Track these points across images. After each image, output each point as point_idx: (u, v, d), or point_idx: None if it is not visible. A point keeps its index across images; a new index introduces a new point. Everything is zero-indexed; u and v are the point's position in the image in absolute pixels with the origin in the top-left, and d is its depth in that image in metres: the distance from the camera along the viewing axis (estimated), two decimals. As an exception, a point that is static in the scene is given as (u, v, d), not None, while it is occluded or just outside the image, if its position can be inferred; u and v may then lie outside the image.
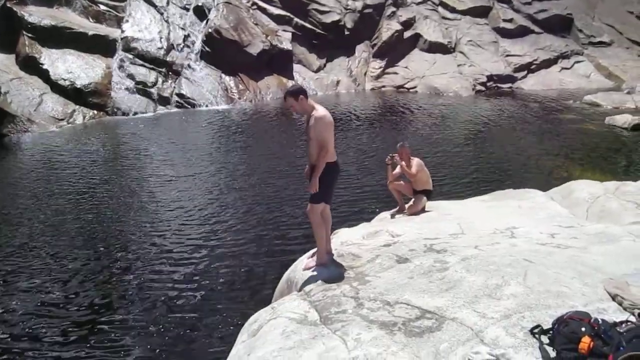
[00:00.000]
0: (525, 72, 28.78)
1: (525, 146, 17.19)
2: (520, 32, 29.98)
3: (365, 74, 27.97)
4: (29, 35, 21.61)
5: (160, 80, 22.95)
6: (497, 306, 4.08)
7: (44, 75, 21.08)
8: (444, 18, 30.01)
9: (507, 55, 29.10)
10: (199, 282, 8.76)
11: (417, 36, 28.91)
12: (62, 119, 20.32)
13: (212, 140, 18.63)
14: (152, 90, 22.54)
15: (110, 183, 13.90)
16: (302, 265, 5.75)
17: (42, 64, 21.25)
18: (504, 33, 29.92)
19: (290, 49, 26.14)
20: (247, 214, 11.67)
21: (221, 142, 18.30)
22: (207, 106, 22.92)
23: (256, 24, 25.71)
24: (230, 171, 14.74)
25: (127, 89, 22.14)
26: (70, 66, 21.60)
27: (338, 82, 27.05)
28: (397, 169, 8.61)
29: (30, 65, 21.20)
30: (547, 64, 29.13)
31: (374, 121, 20.94)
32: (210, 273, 9.06)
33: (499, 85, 27.75)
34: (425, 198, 8.64)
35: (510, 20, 30.08)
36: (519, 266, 4.84)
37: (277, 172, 14.41)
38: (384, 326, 4.08)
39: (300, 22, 27.03)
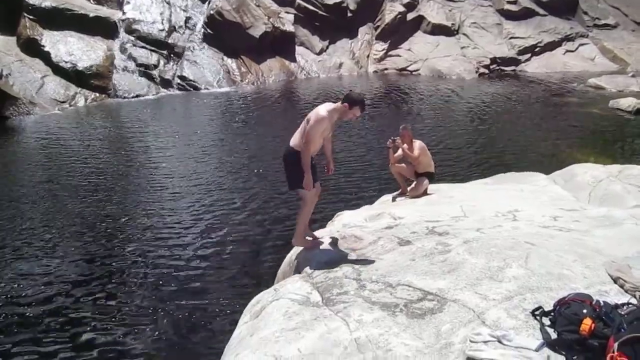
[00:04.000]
0: (529, 54, 28.60)
1: (528, 129, 17.14)
2: (524, 14, 29.75)
3: (368, 56, 27.81)
4: (30, 17, 21.51)
5: (162, 62, 22.87)
6: (499, 288, 4.09)
7: (46, 58, 21.03)
8: (448, 0, 29.76)
9: (511, 38, 28.91)
10: (201, 264, 8.80)
11: (421, 18, 28.70)
12: (64, 102, 20.28)
13: (214, 123, 18.60)
14: (154, 72, 22.48)
15: (111, 165, 13.90)
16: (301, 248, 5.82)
17: (43, 46, 21.18)
18: (508, 15, 29.68)
19: (293, 31, 25.98)
20: (250, 196, 11.68)
21: (223, 125, 18.27)
22: (208, 89, 22.85)
23: (258, 6, 25.52)
24: (232, 154, 14.73)
25: (128, 71, 22.09)
26: (72, 48, 21.53)
27: (340, 64, 26.91)
28: (399, 152, 8.58)
29: (32, 48, 21.13)
30: (551, 46, 28.94)
31: (376, 104, 20.85)
32: (212, 255, 9.10)
33: (502, 68, 27.60)
34: (427, 181, 8.62)
35: (515, 2, 29.82)
36: (521, 249, 4.84)
37: (279, 154, 14.37)
38: (386, 307, 4.09)
39: (303, 3, 26.83)
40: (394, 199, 8.77)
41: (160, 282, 8.25)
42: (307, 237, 5.90)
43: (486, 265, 4.52)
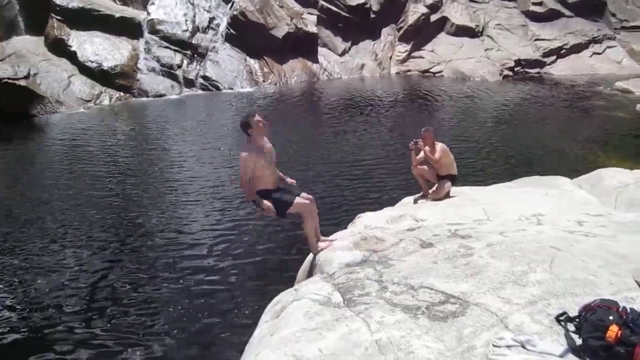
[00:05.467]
0: (555, 57, 28.26)
1: (552, 133, 16.92)
2: (550, 16, 29.39)
3: (390, 57, 27.73)
4: (58, 17, 21.85)
5: (185, 62, 23.07)
6: (523, 292, 4.04)
7: (72, 57, 21.34)
8: (472, 1, 29.58)
9: (536, 40, 28.58)
10: (222, 263, 8.85)
11: (444, 19, 28.53)
12: (89, 100, 20.57)
13: (236, 123, 18.68)
14: (178, 72, 22.69)
15: (134, 163, 14.06)
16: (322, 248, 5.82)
17: (70, 46, 21.50)
18: (534, 17, 29.35)
19: (316, 32, 26.01)
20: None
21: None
22: (231, 89, 22.99)
23: (281, 7, 25.60)
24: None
25: (152, 71, 22.32)
26: (98, 48, 21.82)
27: (363, 65, 26.87)
28: (421, 154, 8.53)
29: (59, 47, 21.45)
30: (578, 48, 28.56)
31: (398, 106, 20.78)
32: (233, 254, 9.14)
33: (527, 70, 27.31)
34: (449, 183, 8.55)
35: (540, 4, 29.48)
36: (545, 253, 4.77)
37: (301, 155, 14.42)
38: (408, 310, 4.06)
39: (326, 4, 26.84)
40: (415, 201, 8.72)
41: (181, 281, 8.32)
42: (320, 243, 5.91)
43: (510, 269, 4.47)
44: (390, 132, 16.98)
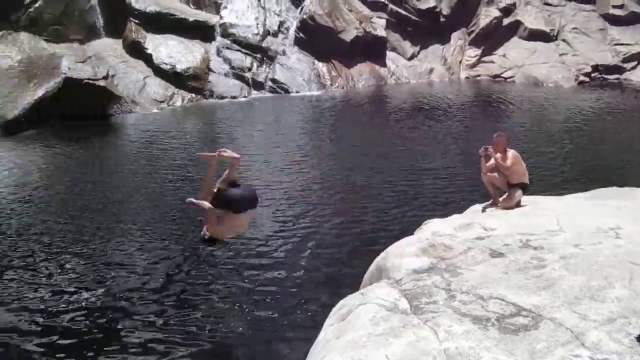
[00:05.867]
0: (636, 62, 26.96)
1: (631, 142, 16.13)
2: (631, 19, 28.08)
3: (460, 62, 27.28)
4: (135, 21, 22.72)
5: (255, 65, 23.51)
6: (600, 309, 3.88)
7: (148, 60, 22.11)
8: (547, 4, 28.63)
9: (616, 44, 27.35)
10: (288, 265, 8.95)
11: (517, 23, 27.78)
12: (162, 101, 21.29)
13: (303, 126, 18.88)
14: (247, 75, 23.16)
15: (204, 163, 14.40)
16: None
17: (146, 49, 22.29)
18: (613, 20, 28.12)
19: (385, 35, 25.92)
20: (337, 200, 11.75)
21: (312, 128, 18.52)
22: (299, 92, 23.25)
23: (350, 11, 25.66)
24: (321, 157, 14.88)
25: (223, 73, 22.88)
26: (172, 51, 22.53)
27: (431, 70, 26.56)
28: (492, 161, 8.31)
29: (136, 50, 22.29)
30: (661, 54, 27.13)
31: (467, 111, 20.39)
32: (298, 256, 9.22)
33: (604, 76, 26.19)
34: (520, 192, 8.28)
35: (622, 7, 28.20)
36: (624, 268, 4.56)
37: (368, 160, 14.37)
38: (477, 320, 3.98)
39: (395, 8, 26.67)
40: (484, 209, 8.51)
41: (246, 281, 8.47)
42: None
43: (586, 284, 4.30)
44: (459, 138, 16.68)
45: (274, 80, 23.42)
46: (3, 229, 10.46)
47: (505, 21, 27.70)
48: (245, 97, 22.53)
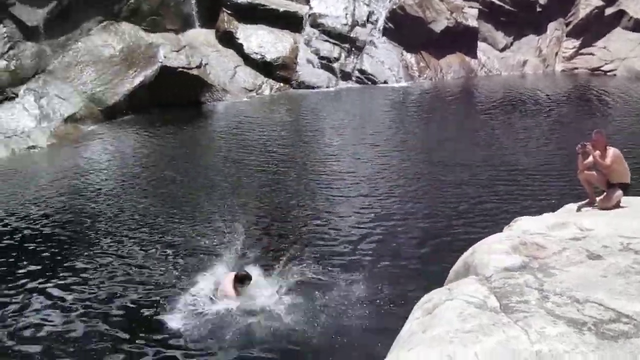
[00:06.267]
0: None
1: None
2: None
3: (556, 54, 26.05)
4: (228, 12, 23.34)
5: (343, 55, 23.55)
6: None
7: (239, 49, 22.71)
8: (656, -7, 26.69)
9: None
10: (371, 257, 8.97)
11: (621, 13, 26.08)
12: (251, 90, 21.81)
13: (390, 118, 18.73)
14: (335, 65, 23.24)
15: (289, 152, 14.68)
16: None
17: (237, 38, 22.88)
18: None
19: (476, 26, 25.18)
20: (422, 194, 11.61)
21: (399, 120, 18.33)
22: (386, 83, 23.07)
23: (441, 0, 25.09)
24: (408, 150, 14.72)
25: (311, 63, 23.08)
26: (262, 41, 22.98)
27: (525, 62, 25.55)
28: (590, 159, 7.89)
29: (227, 40, 22.95)
30: None
31: (563, 106, 19.47)
32: (382, 249, 9.21)
33: None
34: (620, 192, 7.81)
35: None
36: None
37: (456, 155, 14.05)
38: (572, 323, 3.80)
39: (489, -2, 25.81)
40: (579, 209, 8.10)
41: (329, 268, 8.54)
42: None
43: (696, 293, 4.00)
44: (553, 134, 15.97)
45: (361, 71, 23.37)
46: (100, 205, 11.15)
47: (608, 11, 26.07)
48: (332, 87, 22.64)
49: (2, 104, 16.51)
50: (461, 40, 24.81)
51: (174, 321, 7.31)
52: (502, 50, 25.84)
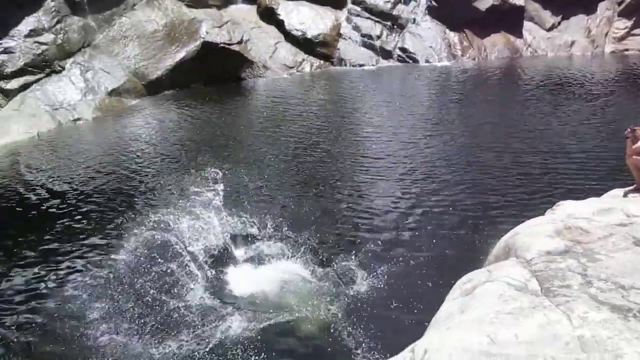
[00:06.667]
0: None
1: None
2: None
3: (606, 34, 25.17)
4: (270, -14, 23.27)
5: (384, 33, 23.25)
6: None
7: (280, 25, 22.62)
8: None
9: None
10: (409, 236, 8.95)
11: (678, -8, 24.99)
12: (292, 67, 21.76)
13: (430, 97, 18.48)
14: (376, 43, 22.97)
15: (328, 131, 14.63)
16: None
17: (278, 15, 22.79)
18: None
19: (523, 4, 24.49)
20: (462, 176, 11.44)
21: (441, 100, 18.06)
22: (428, 62, 22.71)
23: (488, -22, 24.43)
24: (448, 131, 14.50)
25: (352, 40, 22.86)
26: (303, 17, 22.84)
27: (572, 42, 24.79)
28: (639, 143, 7.65)
29: (269, 16, 22.87)
30: None
31: (612, 89, 18.84)
32: (420, 230, 9.16)
33: None
34: (670, 178, 7.57)
35: None
36: None
37: (498, 137, 13.78)
38: (617, 310, 3.74)
39: (537, -25, 25.03)
40: (626, 194, 7.86)
41: (368, 245, 8.56)
42: None
43: None
44: (600, 117, 15.50)
45: (403, 49, 23.05)
46: (144, 178, 11.41)
47: (664, -10, 25.02)
48: (373, 65, 22.42)
49: (50, 77, 16.89)
50: (506, 19, 24.18)
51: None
52: (549, 30, 25.10)
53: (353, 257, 8.29)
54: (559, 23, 25.27)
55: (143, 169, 12.23)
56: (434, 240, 8.77)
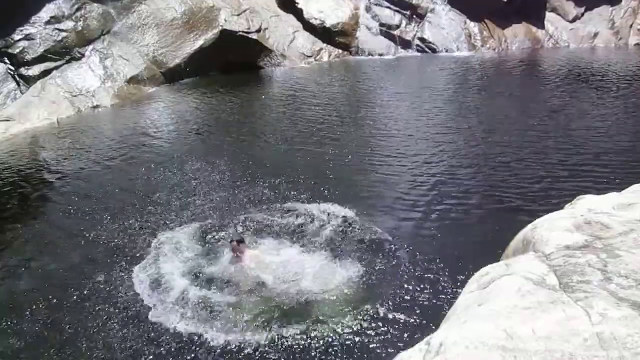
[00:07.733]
0: None
1: None
2: None
3: (630, 26, 24.72)
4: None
5: (404, 23, 23.07)
6: None
7: (298, 14, 22.57)
8: None
9: None
10: (427, 227, 8.89)
11: None
12: (310, 56, 21.71)
13: (448, 88, 18.32)
14: (395, 32, 22.82)
15: (346, 118, 14.60)
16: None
17: (297, 3, 22.71)
18: None
19: (545, -5, 24.13)
20: (480, 169, 11.35)
21: (460, 91, 17.90)
22: (447, 52, 22.52)
23: (510, -33, 24.08)
24: (467, 123, 14.37)
25: (371, 30, 22.74)
26: (322, 6, 22.74)
27: (595, 34, 24.39)
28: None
29: (287, 4, 22.80)
30: None
31: (635, 82, 18.50)
32: (438, 220, 9.11)
33: None
34: (695, 174, 7.44)
35: None
36: None
37: (518, 130, 13.62)
38: (637, 307, 3.66)
39: (561, -35, 24.63)
40: (648, 189, 7.76)
41: (387, 235, 8.53)
42: None
43: None
44: (623, 111, 15.24)
45: (422, 39, 22.87)
46: (160, 165, 11.48)
47: (691, -19, 24.49)
48: (392, 55, 22.30)
49: (70, 64, 17.04)
50: (528, 9, 23.87)
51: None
52: (572, 21, 24.72)
53: (371, 248, 8.28)
54: (582, 14, 24.87)
55: (160, 156, 12.32)
56: (452, 233, 8.72)
